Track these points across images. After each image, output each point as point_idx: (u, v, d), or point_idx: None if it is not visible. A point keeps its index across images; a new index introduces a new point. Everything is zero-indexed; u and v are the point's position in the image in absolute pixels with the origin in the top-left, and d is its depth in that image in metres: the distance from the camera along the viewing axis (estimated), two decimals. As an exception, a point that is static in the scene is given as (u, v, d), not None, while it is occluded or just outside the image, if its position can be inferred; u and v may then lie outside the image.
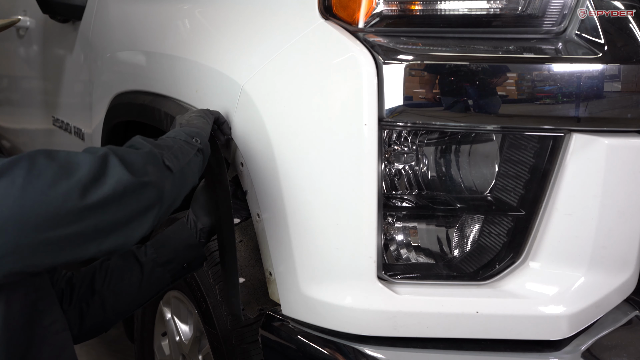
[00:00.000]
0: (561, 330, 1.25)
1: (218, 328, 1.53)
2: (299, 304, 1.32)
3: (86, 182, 1.00)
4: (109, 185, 1.03)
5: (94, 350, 2.69)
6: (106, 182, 1.03)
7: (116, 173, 1.04)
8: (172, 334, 1.84)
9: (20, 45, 2.96)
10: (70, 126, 2.42)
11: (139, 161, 1.09)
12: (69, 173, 1.00)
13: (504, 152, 1.25)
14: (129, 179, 1.05)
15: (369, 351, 1.24)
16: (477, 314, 1.23)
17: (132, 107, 1.79)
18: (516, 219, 1.26)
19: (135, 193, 1.06)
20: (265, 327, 1.38)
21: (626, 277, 1.29)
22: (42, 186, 0.97)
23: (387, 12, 1.20)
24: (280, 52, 1.28)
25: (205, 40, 1.52)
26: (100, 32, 2.07)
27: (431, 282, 1.28)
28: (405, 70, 1.16)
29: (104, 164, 1.04)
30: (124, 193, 1.04)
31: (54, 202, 0.97)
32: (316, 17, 1.24)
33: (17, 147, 3.42)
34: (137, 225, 1.09)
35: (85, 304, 1.35)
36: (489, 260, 1.29)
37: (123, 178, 1.04)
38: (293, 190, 1.27)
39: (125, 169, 1.05)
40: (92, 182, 1.01)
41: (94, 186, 1.01)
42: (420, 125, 1.21)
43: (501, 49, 1.20)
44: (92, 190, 1.00)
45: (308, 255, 1.27)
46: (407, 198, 1.29)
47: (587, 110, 1.18)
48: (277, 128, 1.28)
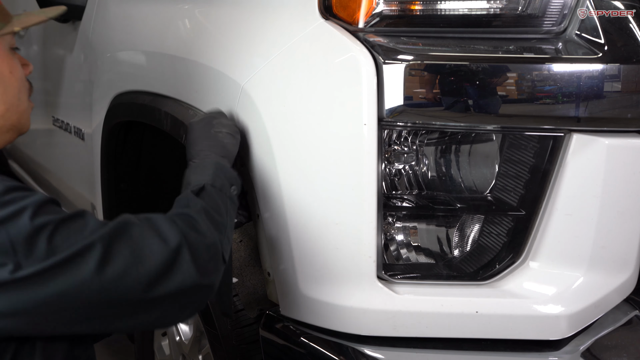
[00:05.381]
0: (561, 330, 1.25)
1: (218, 328, 1.53)
2: (298, 304, 1.32)
3: (155, 277, 1.00)
4: (174, 282, 1.02)
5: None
6: (172, 279, 1.02)
7: (185, 271, 1.03)
8: (172, 334, 1.84)
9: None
10: (70, 126, 2.41)
11: (206, 259, 1.07)
12: (140, 264, 0.99)
13: (504, 152, 1.25)
14: (195, 280, 1.04)
15: (368, 351, 1.24)
16: (476, 313, 1.23)
17: (132, 107, 1.78)
18: (516, 219, 1.26)
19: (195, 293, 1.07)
20: (265, 327, 1.38)
21: (626, 277, 1.29)
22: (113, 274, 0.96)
23: (387, 12, 1.20)
24: (281, 52, 1.28)
25: (205, 40, 1.52)
26: (100, 32, 2.07)
27: (431, 282, 1.28)
28: (405, 70, 1.16)
29: (175, 258, 1.02)
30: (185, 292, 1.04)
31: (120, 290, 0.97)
32: (316, 17, 1.24)
33: (17, 147, 3.42)
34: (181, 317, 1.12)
35: None
36: (489, 260, 1.29)
37: (189, 280, 1.03)
38: (293, 190, 1.27)
39: (194, 268, 1.04)
40: (160, 277, 1.01)
41: (160, 281, 1.00)
42: (420, 125, 1.21)
43: (501, 49, 1.20)
44: (157, 286, 1.00)
45: (307, 255, 1.27)
46: (407, 198, 1.29)
47: (587, 110, 1.18)
48: (277, 128, 1.28)
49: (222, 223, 1.16)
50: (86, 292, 0.95)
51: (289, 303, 1.34)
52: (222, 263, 1.12)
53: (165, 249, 1.02)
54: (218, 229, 1.14)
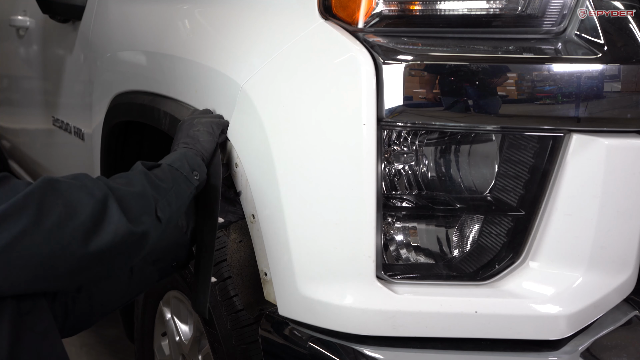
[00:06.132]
0: (560, 330, 1.25)
1: (218, 328, 1.53)
2: (296, 304, 1.32)
3: (89, 228, 1.06)
4: (108, 233, 1.08)
5: (94, 350, 2.69)
6: (106, 230, 1.08)
7: (116, 221, 1.09)
8: (172, 334, 1.84)
9: (20, 45, 2.97)
10: (70, 126, 2.42)
11: (135, 209, 1.14)
12: (74, 215, 1.05)
13: (504, 152, 1.25)
14: (127, 228, 1.10)
15: (368, 351, 1.24)
16: (476, 313, 1.23)
17: (132, 107, 1.79)
18: (516, 219, 1.26)
19: (130, 243, 1.12)
20: (264, 327, 1.38)
21: (625, 277, 1.29)
22: (51, 225, 1.02)
23: (387, 12, 1.20)
24: (280, 52, 1.28)
25: (204, 40, 1.52)
26: (100, 32, 2.08)
27: (431, 282, 1.28)
28: (405, 71, 1.16)
29: (103, 208, 1.09)
30: (121, 242, 1.10)
31: (60, 242, 1.02)
32: (316, 17, 1.24)
33: (17, 147, 3.43)
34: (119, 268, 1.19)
35: (71, 300, 1.34)
36: (489, 260, 1.29)
37: (121, 228, 1.09)
38: (291, 190, 1.27)
39: (123, 216, 1.10)
40: (93, 227, 1.06)
41: (94, 232, 1.06)
42: (420, 125, 1.21)
43: (501, 49, 1.20)
44: (94, 238, 1.06)
45: (306, 255, 1.27)
46: (406, 198, 1.29)
47: (587, 111, 1.18)
48: (276, 128, 1.28)
49: (163, 188, 1.22)
50: (28, 244, 0.99)
51: (287, 303, 1.34)
52: (155, 217, 1.18)
53: (91, 199, 1.08)
54: (156, 189, 1.20)
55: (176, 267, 1.47)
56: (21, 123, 3.29)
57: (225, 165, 1.42)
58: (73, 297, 1.33)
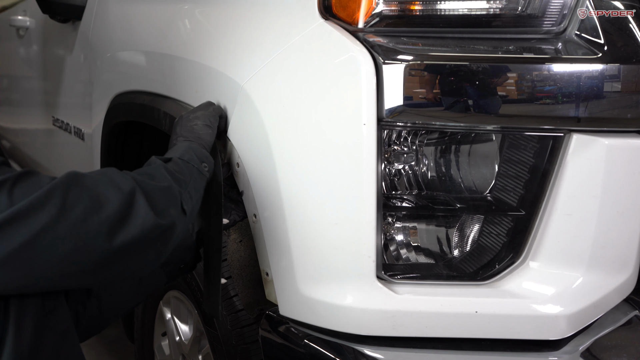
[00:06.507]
0: (560, 330, 1.25)
1: (218, 328, 1.53)
2: (297, 304, 1.32)
3: (115, 223, 1.04)
4: (135, 227, 1.06)
5: (94, 350, 2.69)
6: (132, 224, 1.06)
7: (143, 215, 1.08)
8: (172, 334, 1.84)
9: (20, 45, 2.97)
10: (70, 126, 2.42)
11: (162, 202, 1.13)
12: (99, 209, 1.03)
13: (504, 152, 1.25)
14: (154, 222, 1.09)
15: (368, 351, 1.24)
16: (476, 313, 1.23)
17: (132, 107, 1.79)
18: (516, 219, 1.26)
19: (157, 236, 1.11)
20: (264, 327, 1.38)
21: (625, 277, 1.29)
22: (75, 219, 1.00)
23: (387, 12, 1.20)
24: (280, 52, 1.28)
25: (205, 40, 1.52)
26: (100, 32, 2.07)
27: (431, 282, 1.28)
28: (405, 71, 1.16)
29: (130, 202, 1.07)
30: (147, 237, 1.08)
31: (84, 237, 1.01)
32: (316, 17, 1.24)
33: (17, 147, 3.43)
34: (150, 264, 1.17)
35: (81, 305, 1.34)
36: (489, 260, 1.29)
37: (148, 222, 1.08)
38: (292, 190, 1.27)
39: (150, 210, 1.09)
40: (119, 222, 1.05)
41: (120, 227, 1.05)
42: (420, 125, 1.21)
43: (501, 49, 1.20)
44: (118, 232, 1.04)
45: (307, 255, 1.27)
46: (407, 198, 1.29)
47: (587, 111, 1.18)
48: (276, 127, 1.28)
49: (183, 180, 1.21)
50: (51, 239, 0.97)
51: (288, 303, 1.34)
52: (181, 210, 1.17)
53: (119, 194, 1.06)
54: (177, 182, 1.19)
55: (184, 269, 1.47)
56: (21, 123, 3.29)
57: (226, 165, 1.42)
58: (83, 303, 1.33)
